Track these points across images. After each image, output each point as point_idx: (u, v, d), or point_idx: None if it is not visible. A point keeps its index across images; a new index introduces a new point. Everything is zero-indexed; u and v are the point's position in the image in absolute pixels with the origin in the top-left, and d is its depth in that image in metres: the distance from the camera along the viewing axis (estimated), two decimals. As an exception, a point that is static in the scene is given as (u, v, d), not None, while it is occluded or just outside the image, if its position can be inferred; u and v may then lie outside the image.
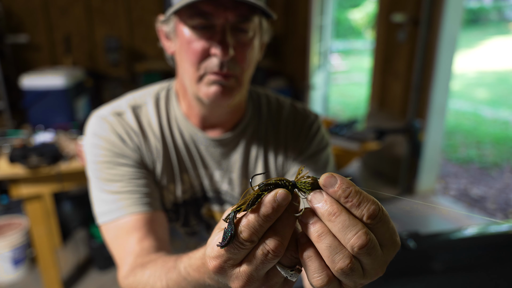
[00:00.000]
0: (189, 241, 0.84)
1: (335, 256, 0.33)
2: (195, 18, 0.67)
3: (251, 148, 0.82)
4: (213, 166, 0.81)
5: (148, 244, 0.69)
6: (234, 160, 0.82)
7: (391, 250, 0.34)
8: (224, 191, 0.82)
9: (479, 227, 0.97)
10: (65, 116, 2.39)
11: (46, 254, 1.86)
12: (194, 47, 0.68)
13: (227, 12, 0.66)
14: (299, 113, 0.86)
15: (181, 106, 0.80)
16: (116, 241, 0.71)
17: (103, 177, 0.74)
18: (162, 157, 0.79)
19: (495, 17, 13.59)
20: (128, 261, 0.68)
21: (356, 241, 0.32)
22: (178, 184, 0.80)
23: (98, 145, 0.75)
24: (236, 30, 0.69)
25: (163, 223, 0.75)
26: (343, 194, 0.32)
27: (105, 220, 0.72)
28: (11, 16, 3.72)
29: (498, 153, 4.66)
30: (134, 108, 0.80)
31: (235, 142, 0.81)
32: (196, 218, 0.83)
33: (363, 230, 0.32)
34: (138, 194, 0.73)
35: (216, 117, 0.79)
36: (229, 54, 0.67)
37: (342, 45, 13.47)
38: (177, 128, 0.80)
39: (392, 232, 0.34)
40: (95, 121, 0.78)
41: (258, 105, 0.86)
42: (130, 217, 0.71)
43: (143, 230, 0.70)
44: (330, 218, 0.33)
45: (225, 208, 0.83)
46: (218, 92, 0.70)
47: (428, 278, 0.81)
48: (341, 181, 0.33)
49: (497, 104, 6.97)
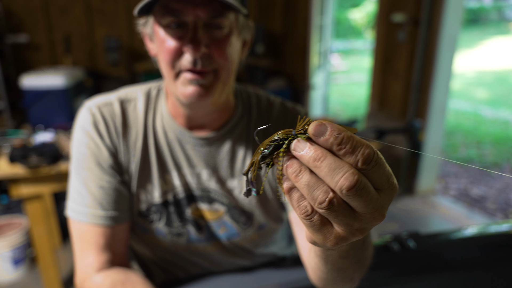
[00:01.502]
0: (177, 241, 0.84)
1: (314, 192, 0.32)
2: (166, 17, 0.68)
3: (239, 147, 0.82)
4: (200, 165, 0.81)
5: (105, 259, 0.76)
6: (221, 159, 0.82)
7: (389, 194, 0.33)
8: (212, 189, 0.82)
9: (479, 227, 0.97)
10: (65, 116, 2.39)
11: (46, 254, 1.86)
12: (167, 46, 0.69)
13: (196, 9, 0.66)
14: (289, 111, 0.86)
15: (168, 106, 0.81)
16: (77, 242, 0.78)
17: (80, 174, 0.77)
18: (140, 157, 0.79)
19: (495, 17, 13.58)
20: (86, 270, 0.75)
21: (344, 182, 0.30)
22: (157, 185, 0.80)
23: (82, 142, 0.78)
24: (210, 27, 0.69)
25: (122, 237, 0.79)
26: (335, 142, 0.31)
27: (71, 215, 0.77)
28: (11, 16, 3.72)
29: (498, 153, 4.66)
30: (123, 101, 0.81)
31: (222, 141, 0.82)
32: (180, 219, 0.83)
33: (350, 171, 0.31)
34: (105, 206, 0.76)
35: (202, 117, 0.79)
36: (201, 51, 0.67)
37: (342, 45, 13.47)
38: (162, 127, 0.80)
39: (388, 175, 0.33)
40: (83, 111, 0.80)
41: (248, 105, 0.86)
42: (93, 227, 0.75)
43: (102, 244, 0.76)
44: (315, 164, 0.31)
45: (214, 206, 0.83)
46: (195, 92, 0.70)
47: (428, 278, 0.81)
48: (332, 128, 0.31)
49: (497, 104, 6.97)
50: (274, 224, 0.88)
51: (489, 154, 4.63)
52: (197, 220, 0.84)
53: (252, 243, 0.88)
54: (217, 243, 0.86)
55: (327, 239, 0.35)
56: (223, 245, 0.87)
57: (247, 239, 0.87)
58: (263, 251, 0.93)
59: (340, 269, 0.56)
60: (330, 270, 0.57)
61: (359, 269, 0.60)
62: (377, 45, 3.61)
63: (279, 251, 0.97)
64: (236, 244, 0.87)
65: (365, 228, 0.34)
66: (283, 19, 4.75)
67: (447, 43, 2.92)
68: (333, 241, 0.35)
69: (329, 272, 0.58)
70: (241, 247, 0.88)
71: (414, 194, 3.27)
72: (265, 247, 0.92)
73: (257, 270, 0.93)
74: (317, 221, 0.34)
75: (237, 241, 0.87)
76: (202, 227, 0.84)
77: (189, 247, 0.86)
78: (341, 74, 10.17)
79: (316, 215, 0.34)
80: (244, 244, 0.88)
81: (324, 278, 0.62)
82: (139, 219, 0.82)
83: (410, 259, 0.83)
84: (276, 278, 0.88)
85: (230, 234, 0.86)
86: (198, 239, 0.85)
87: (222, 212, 0.83)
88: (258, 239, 0.88)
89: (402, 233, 0.89)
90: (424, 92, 3.08)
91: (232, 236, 0.86)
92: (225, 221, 0.84)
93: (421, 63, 3.04)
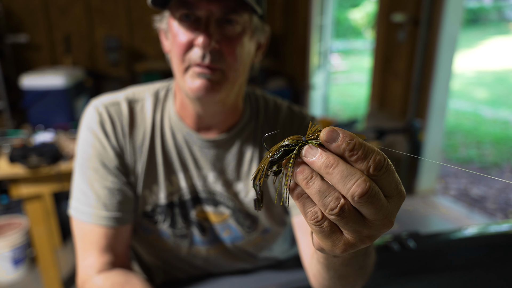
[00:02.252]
0: (180, 243, 0.84)
1: (325, 199, 0.32)
2: (181, 9, 0.67)
3: (246, 150, 0.82)
4: (207, 167, 0.80)
5: (106, 260, 0.75)
6: (228, 162, 0.81)
7: (398, 201, 0.33)
8: (218, 192, 0.82)
9: (479, 227, 0.97)
10: (65, 116, 2.39)
11: (46, 254, 1.86)
12: (179, 39, 0.69)
13: (210, 4, 0.66)
14: (296, 115, 0.86)
15: (176, 106, 0.80)
16: (79, 242, 0.77)
17: (85, 174, 0.76)
18: (147, 157, 0.78)
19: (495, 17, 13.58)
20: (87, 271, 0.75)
21: (356, 189, 0.30)
22: (163, 186, 0.79)
23: (88, 142, 0.77)
24: (223, 23, 0.68)
25: (125, 239, 0.78)
26: (347, 148, 0.31)
27: (74, 214, 0.76)
28: (11, 16, 3.72)
29: (498, 153, 4.66)
30: (130, 101, 0.80)
31: (229, 144, 0.81)
32: (184, 221, 0.82)
33: (362, 178, 0.31)
34: (109, 207, 0.75)
35: (210, 118, 0.78)
36: (211, 45, 0.66)
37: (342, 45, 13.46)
38: (170, 128, 0.79)
39: (397, 182, 0.33)
40: (89, 110, 0.79)
41: (256, 108, 0.85)
42: (96, 228, 0.75)
43: (104, 245, 0.75)
44: (327, 171, 0.31)
45: (219, 209, 0.83)
46: (202, 85, 0.69)
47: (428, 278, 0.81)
48: (344, 134, 0.31)
49: (497, 104, 6.97)
50: (278, 228, 0.87)
51: (489, 154, 4.63)
52: (202, 222, 0.83)
53: (255, 246, 0.88)
54: (220, 246, 0.86)
55: (336, 245, 0.35)
56: (226, 248, 0.87)
57: (250, 242, 0.86)
58: (266, 254, 0.92)
59: (342, 276, 0.56)
60: (333, 277, 0.57)
61: (361, 277, 0.60)
62: (377, 45, 3.61)
63: (281, 254, 0.96)
64: (239, 247, 0.87)
65: (374, 235, 0.35)
66: (283, 19, 4.75)
67: (447, 43, 2.92)
68: (341, 247, 0.35)
69: (331, 279, 0.58)
70: (244, 250, 0.88)
71: (414, 194, 3.27)
72: (267, 250, 0.91)
73: (257, 271, 0.93)
74: (327, 227, 0.34)
75: (241, 245, 0.86)
76: (206, 229, 0.84)
77: (192, 250, 0.85)
78: (341, 74, 10.17)
79: (326, 222, 0.34)
80: (247, 247, 0.87)
81: (326, 285, 0.62)
82: (144, 219, 0.82)
83: (410, 259, 0.83)
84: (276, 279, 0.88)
85: (234, 237, 0.85)
86: (201, 241, 0.84)
87: (227, 215, 0.83)
88: (262, 242, 0.88)
89: (402, 233, 0.89)
90: (424, 92, 3.08)
91: (236, 239, 0.85)
92: (230, 224, 0.84)
93: (421, 63, 3.04)
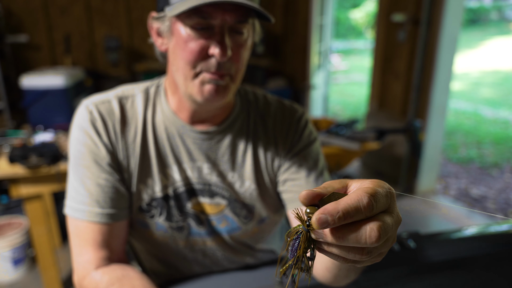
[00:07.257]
0: (177, 236, 0.85)
1: (349, 255, 0.35)
2: (194, 18, 0.68)
3: (239, 142, 0.84)
4: (201, 159, 0.82)
5: (103, 255, 0.76)
6: (222, 153, 0.83)
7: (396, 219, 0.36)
8: (213, 183, 0.83)
9: (479, 227, 0.97)
10: (65, 116, 2.39)
11: (46, 254, 1.86)
12: (191, 47, 0.69)
13: (225, 14, 0.67)
14: (287, 108, 0.88)
15: (169, 102, 0.81)
16: (74, 239, 0.78)
17: (78, 172, 0.78)
18: (140, 152, 0.79)
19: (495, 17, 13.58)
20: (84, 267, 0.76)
21: (371, 240, 0.32)
22: (157, 179, 0.80)
23: (80, 140, 0.78)
24: (233, 32, 0.70)
25: (120, 234, 0.80)
26: (340, 221, 0.32)
27: (68, 213, 0.77)
28: (11, 16, 3.72)
29: (498, 153, 4.66)
30: (120, 98, 0.81)
31: (222, 135, 0.83)
32: (180, 213, 0.83)
33: (368, 227, 0.33)
34: (102, 204, 0.76)
35: (206, 112, 0.80)
36: (227, 55, 0.68)
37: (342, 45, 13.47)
38: (163, 122, 0.81)
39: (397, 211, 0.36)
40: (80, 109, 0.80)
41: (246, 101, 0.87)
42: (90, 225, 0.76)
43: (99, 241, 0.76)
44: (339, 242, 0.33)
45: (215, 200, 0.84)
46: (212, 91, 0.71)
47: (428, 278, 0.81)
48: (330, 214, 0.32)
49: (498, 104, 6.97)
50: (274, 216, 0.89)
51: (489, 154, 4.63)
52: (198, 214, 0.84)
53: (252, 237, 0.89)
54: (217, 238, 0.87)
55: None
56: (224, 239, 0.87)
57: (247, 233, 0.88)
58: (263, 246, 0.93)
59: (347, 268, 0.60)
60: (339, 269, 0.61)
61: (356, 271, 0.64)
62: (377, 45, 3.61)
63: (278, 248, 0.98)
64: (236, 238, 0.88)
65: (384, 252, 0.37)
66: (283, 19, 4.75)
67: (447, 43, 2.92)
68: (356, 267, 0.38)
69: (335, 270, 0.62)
70: (241, 241, 0.89)
71: (414, 194, 3.27)
72: (264, 242, 0.93)
73: (258, 268, 0.93)
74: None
75: (238, 235, 0.87)
76: (203, 221, 0.85)
77: (189, 241, 0.86)
78: (341, 74, 10.18)
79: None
80: (245, 238, 0.89)
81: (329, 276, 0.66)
82: (140, 214, 0.83)
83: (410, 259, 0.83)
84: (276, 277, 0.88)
85: (231, 228, 0.86)
86: (198, 232, 0.85)
87: (223, 205, 0.84)
88: (259, 232, 0.89)
89: (402, 233, 0.89)
90: (424, 92, 3.08)
91: (233, 230, 0.86)
92: (226, 214, 0.85)
93: (421, 63, 3.04)
